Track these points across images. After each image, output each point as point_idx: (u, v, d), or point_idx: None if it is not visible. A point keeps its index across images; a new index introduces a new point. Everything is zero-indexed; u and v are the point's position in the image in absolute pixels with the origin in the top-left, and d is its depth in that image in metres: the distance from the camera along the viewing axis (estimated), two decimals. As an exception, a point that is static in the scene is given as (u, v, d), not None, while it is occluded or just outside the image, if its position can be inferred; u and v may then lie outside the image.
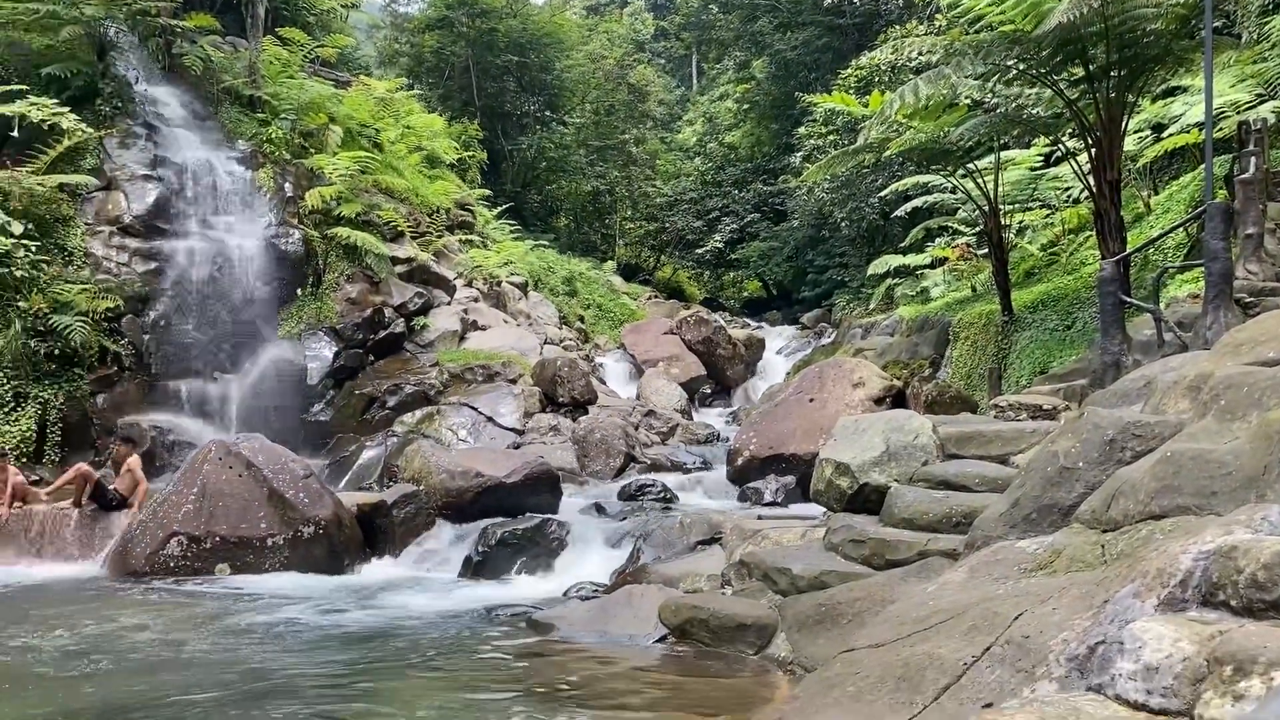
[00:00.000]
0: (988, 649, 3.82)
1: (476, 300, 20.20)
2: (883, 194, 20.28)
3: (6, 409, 12.91)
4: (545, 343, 19.72)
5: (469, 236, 22.38)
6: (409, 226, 19.33)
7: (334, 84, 21.52)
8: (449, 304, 19.11)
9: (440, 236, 20.83)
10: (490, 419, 15.48)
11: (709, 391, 20.61)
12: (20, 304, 13.30)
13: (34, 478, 11.54)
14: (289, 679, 6.35)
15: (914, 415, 8.02)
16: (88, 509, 10.44)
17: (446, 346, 17.58)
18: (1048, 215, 17.03)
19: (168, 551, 9.48)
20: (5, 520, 10.21)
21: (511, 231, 25.90)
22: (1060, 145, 12.49)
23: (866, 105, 14.31)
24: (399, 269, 18.18)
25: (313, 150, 18.46)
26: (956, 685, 3.77)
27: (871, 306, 21.48)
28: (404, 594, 9.04)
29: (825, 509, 8.07)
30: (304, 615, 8.02)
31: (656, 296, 30.45)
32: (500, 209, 26.94)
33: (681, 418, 16.94)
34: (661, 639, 6.85)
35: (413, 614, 8.23)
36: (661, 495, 11.90)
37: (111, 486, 10.70)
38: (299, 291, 16.59)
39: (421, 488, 11.02)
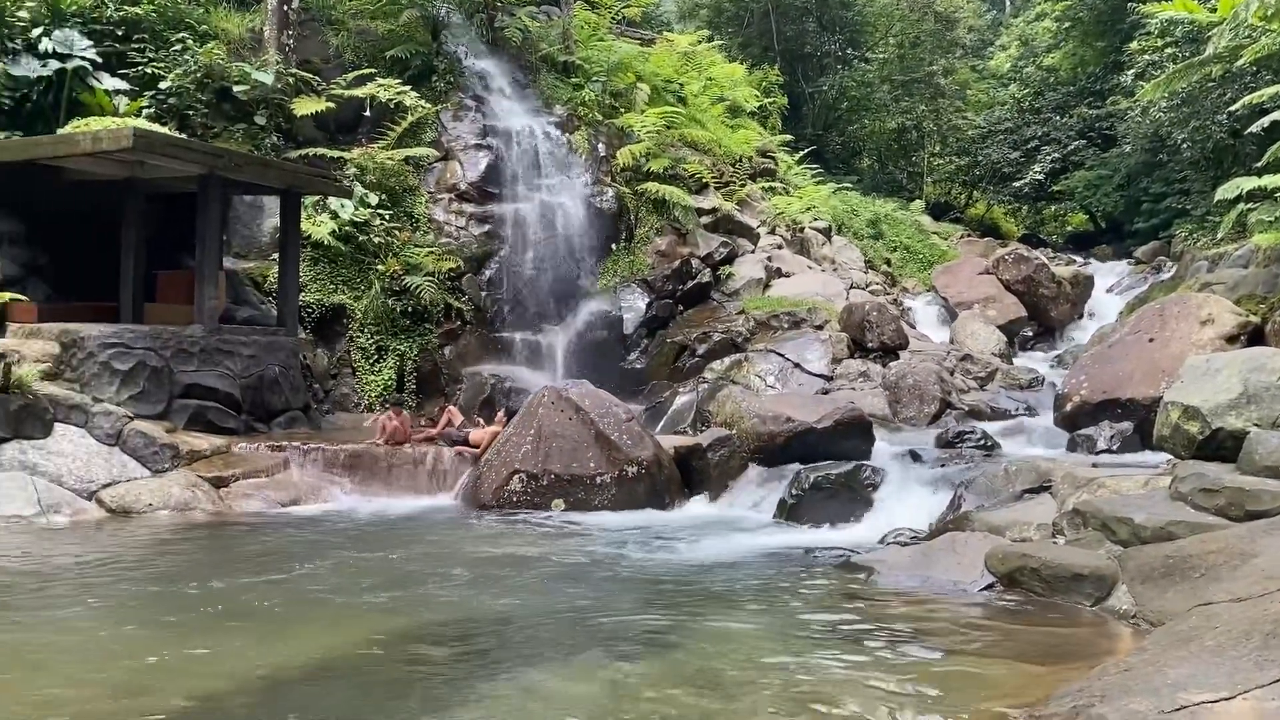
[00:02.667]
0: (1381, 609, 3.43)
1: (780, 247, 20.25)
2: (1233, 109, 18.05)
3: (372, 360, 14.62)
4: (851, 288, 19.44)
5: (771, 184, 22.41)
6: (713, 177, 19.67)
7: (639, 43, 22.19)
8: (753, 252, 19.30)
9: (743, 185, 21.02)
10: (797, 365, 15.55)
11: (1030, 334, 19.47)
12: (378, 267, 14.96)
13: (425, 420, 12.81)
14: (618, 603, 6.82)
15: (1277, 353, 7.20)
16: (443, 448, 11.64)
17: (751, 294, 17.80)
18: None
19: (511, 487, 10.40)
20: (409, 447, 11.44)
21: (813, 176, 25.61)
22: None
23: (1214, 10, 12.77)
24: (704, 220, 18.58)
25: (622, 110, 19.19)
26: (1341, 646, 3.42)
27: (1219, 236, 19.28)
28: (721, 533, 9.38)
29: (1170, 456, 7.46)
30: (631, 548, 8.55)
31: (969, 235, 29.01)
32: (801, 154, 26.70)
33: (1000, 362, 16.15)
34: (988, 587, 6.68)
35: (732, 552, 8.54)
36: (981, 442, 11.46)
37: (460, 429, 11.87)
38: (613, 246, 17.42)
39: (734, 432, 11.32)
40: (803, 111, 32.54)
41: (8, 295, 10.56)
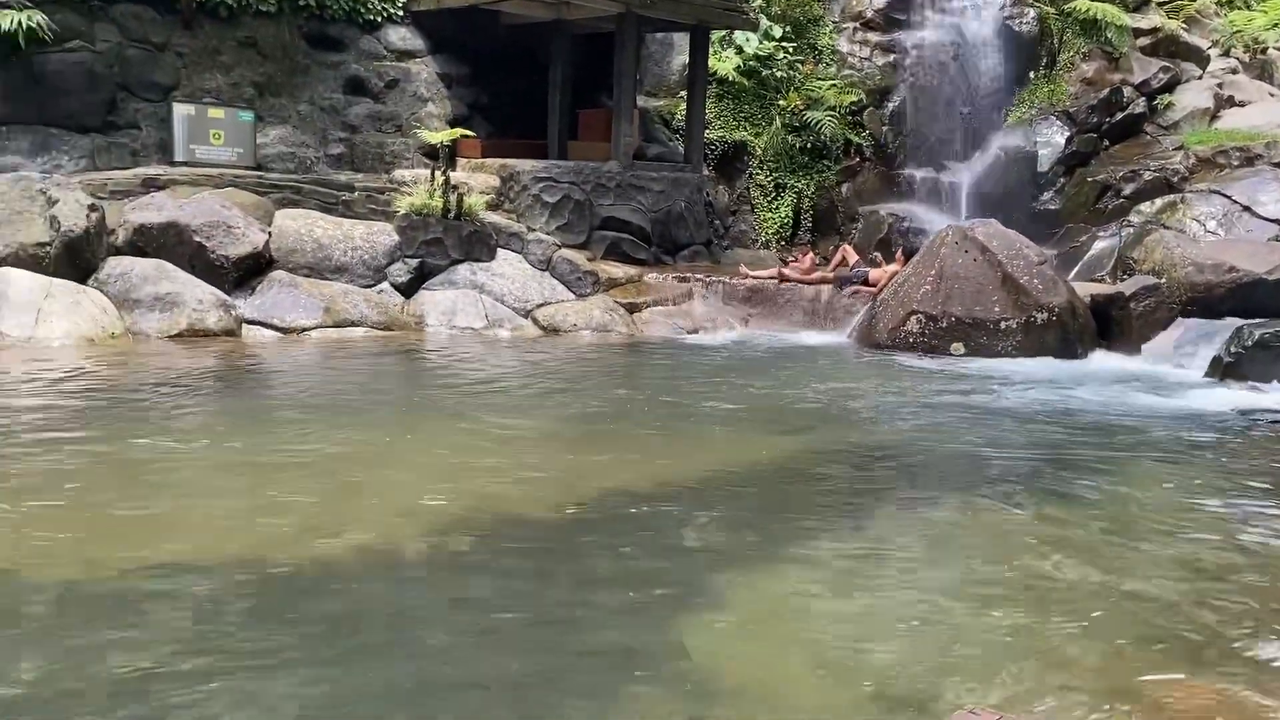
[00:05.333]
0: None
1: (1234, 72, 17.46)
2: None
3: (769, 197, 14.82)
4: (1325, 118, 16.43)
5: (1230, -4, 19.19)
6: (1156, -9, 17.22)
7: None
8: (1199, 78, 16.82)
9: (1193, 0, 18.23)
10: (1247, 209, 13.56)
11: None
12: (780, 103, 14.93)
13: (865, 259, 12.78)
14: (1018, 449, 6.61)
15: None
16: (839, 287, 11.68)
17: (1194, 127, 15.63)
18: None
19: (907, 328, 10.26)
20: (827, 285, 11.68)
21: (1286, -15, 21.55)
22: None
23: None
24: (1141, 42, 16.42)
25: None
26: None
27: None
28: (1138, 388, 8.70)
29: None
30: (1036, 396, 8.18)
31: None
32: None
33: None
34: None
35: (1148, 408, 7.92)
36: None
37: (855, 268, 11.81)
38: (1030, 75, 15.98)
39: (1162, 281, 10.28)
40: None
41: (459, 131, 11.86)
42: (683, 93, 14.46)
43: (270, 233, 10.27)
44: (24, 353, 8.11)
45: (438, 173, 11.32)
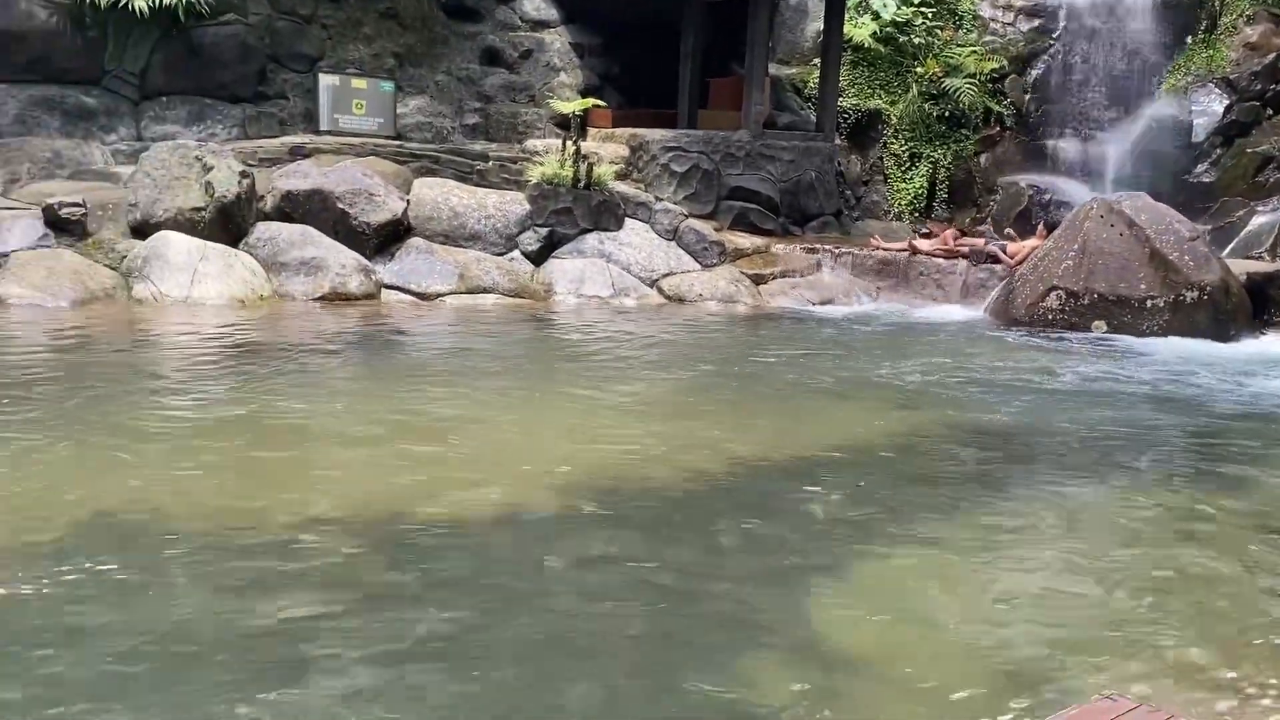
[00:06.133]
0: None
1: None
2: None
3: (903, 167, 14.46)
4: None
5: None
6: (1334, -53, 15.97)
7: None
8: (1380, 41, 15.58)
9: (1377, -45, 16.83)
10: None
11: None
12: (917, 70, 14.51)
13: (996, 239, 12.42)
14: (1150, 428, 6.33)
15: None
16: (974, 261, 11.33)
17: (1372, 95, 14.50)
18: None
19: (1046, 304, 9.89)
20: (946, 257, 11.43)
21: None
22: None
23: None
24: (1315, 2, 15.29)
25: None
26: None
27: None
28: (1300, 374, 8.19)
29: None
30: (1181, 377, 7.81)
31: None
32: None
33: None
34: None
35: (1313, 396, 7.45)
36: None
37: (991, 247, 11.44)
38: (1188, 39, 15.09)
39: (1329, 259, 9.61)
40: None
41: (590, 101, 11.95)
42: (816, 60, 14.20)
43: (409, 201, 10.58)
44: (181, 312, 8.60)
45: (568, 142, 11.44)
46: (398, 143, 11.80)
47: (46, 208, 9.14)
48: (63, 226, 9.14)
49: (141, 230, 9.39)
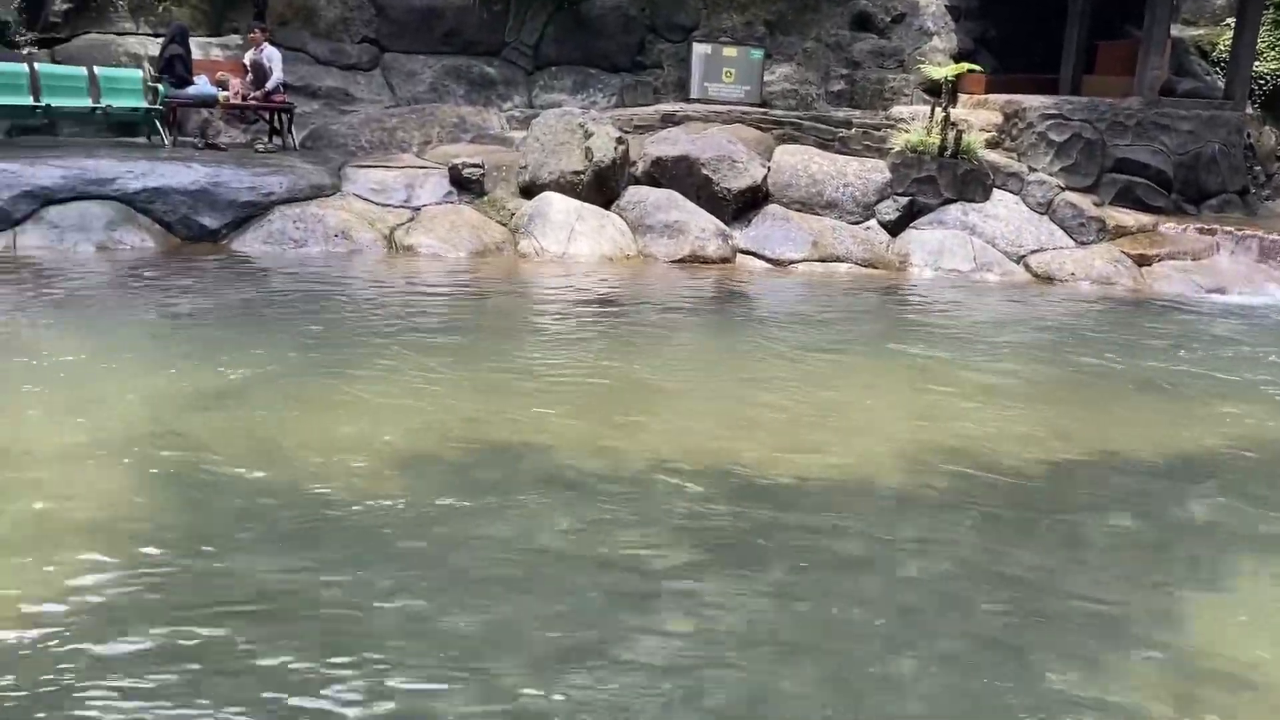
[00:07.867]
0: None
1: None
2: None
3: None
4: None
5: None
6: None
7: None
8: None
9: None
10: None
11: None
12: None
13: None
14: None
15: None
16: None
17: None
18: None
19: None
20: None
21: None
22: None
23: None
24: None
25: None
26: None
27: None
28: None
29: None
30: None
31: None
32: None
33: None
34: None
35: None
36: None
37: None
38: None
39: None
40: None
41: (965, 66, 11.43)
42: (1229, 20, 12.62)
43: (769, 167, 10.73)
44: (558, 267, 9.33)
45: (938, 109, 11.03)
46: (762, 110, 11.97)
47: (452, 168, 10.24)
48: (464, 184, 10.22)
49: (529, 190, 10.27)
